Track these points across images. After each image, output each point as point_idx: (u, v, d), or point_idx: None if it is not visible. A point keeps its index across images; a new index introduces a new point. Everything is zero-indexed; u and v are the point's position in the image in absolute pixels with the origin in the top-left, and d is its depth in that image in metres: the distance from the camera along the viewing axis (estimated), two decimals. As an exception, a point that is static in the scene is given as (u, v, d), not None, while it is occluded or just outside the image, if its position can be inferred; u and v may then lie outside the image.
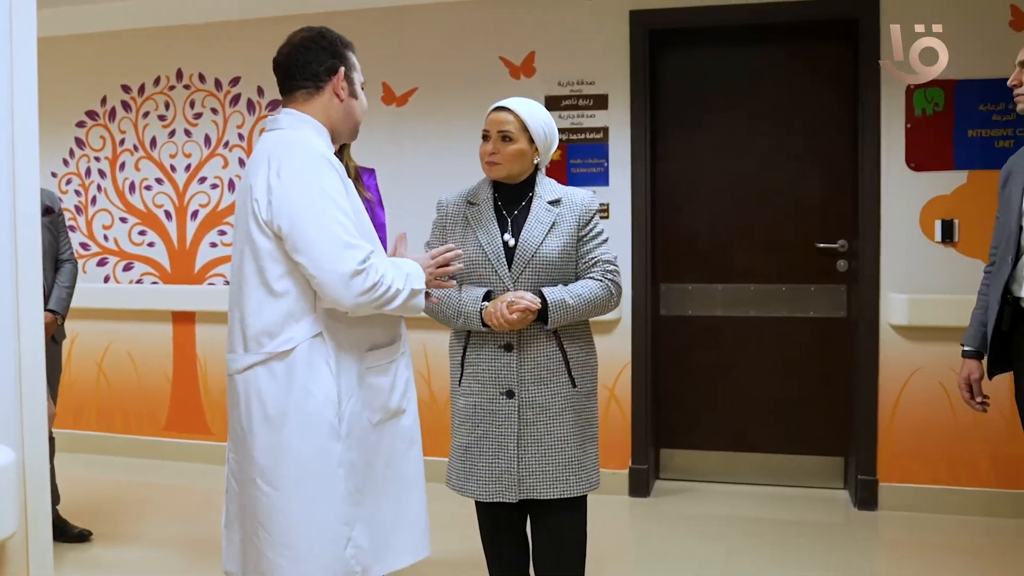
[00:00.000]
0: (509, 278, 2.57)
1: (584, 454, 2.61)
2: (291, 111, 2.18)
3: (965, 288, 3.98)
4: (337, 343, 2.10)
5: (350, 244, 1.99)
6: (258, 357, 2.09)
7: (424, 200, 4.50)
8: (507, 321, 2.48)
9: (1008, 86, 2.60)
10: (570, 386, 2.59)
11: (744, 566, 3.53)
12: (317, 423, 2.07)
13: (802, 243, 4.42)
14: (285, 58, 2.20)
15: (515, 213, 2.63)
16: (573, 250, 2.60)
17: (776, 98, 4.42)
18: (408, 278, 2.11)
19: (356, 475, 2.12)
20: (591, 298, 2.55)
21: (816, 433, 4.46)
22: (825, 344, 4.43)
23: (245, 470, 2.15)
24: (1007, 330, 2.62)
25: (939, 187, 4.05)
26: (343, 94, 2.20)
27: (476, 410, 2.61)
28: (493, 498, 2.58)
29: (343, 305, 2.02)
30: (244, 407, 2.13)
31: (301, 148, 2.07)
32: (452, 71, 4.56)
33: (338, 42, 2.22)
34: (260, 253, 2.07)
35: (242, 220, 2.12)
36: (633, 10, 4.33)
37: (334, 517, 2.09)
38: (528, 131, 2.58)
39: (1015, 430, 3.95)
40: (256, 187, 2.06)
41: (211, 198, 4.92)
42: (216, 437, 4.96)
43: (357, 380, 2.12)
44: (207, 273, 4.94)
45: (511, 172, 2.61)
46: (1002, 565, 3.52)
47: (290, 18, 4.67)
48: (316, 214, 2.00)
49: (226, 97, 4.88)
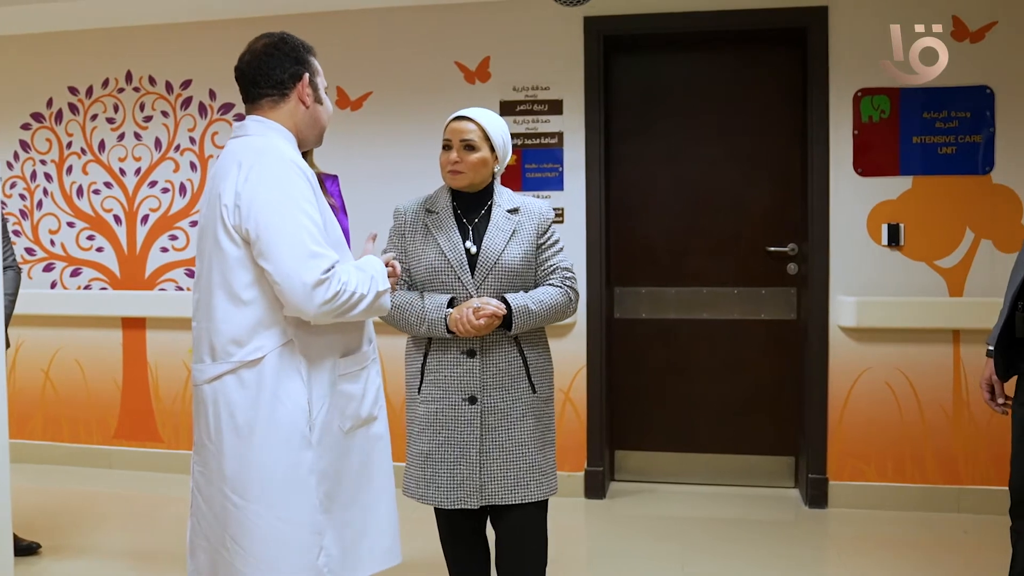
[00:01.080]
0: (472, 285, 2.58)
1: (544, 459, 2.64)
2: (258, 118, 2.16)
3: (910, 290, 4.12)
4: (308, 350, 2.08)
5: (315, 253, 1.98)
6: (227, 366, 2.06)
7: (378, 205, 4.48)
8: (473, 327, 2.49)
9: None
10: (530, 392, 2.61)
11: (700, 566, 3.58)
12: (288, 432, 2.05)
13: (753, 247, 4.50)
14: (247, 66, 2.17)
15: (475, 221, 2.65)
16: (533, 257, 2.63)
17: (728, 104, 4.49)
18: (373, 280, 2.11)
19: (327, 483, 2.11)
20: (552, 304, 2.59)
21: (767, 433, 4.54)
22: (776, 346, 4.51)
23: (213, 482, 2.11)
24: (1021, 337, 2.56)
25: (885, 192, 4.15)
26: (308, 100, 2.18)
27: (438, 416, 2.61)
28: (455, 505, 2.59)
29: (306, 314, 2.01)
30: (212, 417, 2.10)
31: (271, 154, 2.05)
32: (407, 75, 4.55)
33: (301, 47, 2.20)
34: (228, 260, 2.04)
35: (209, 227, 2.09)
36: (588, 16, 4.36)
37: (306, 526, 2.07)
38: (489, 140, 2.61)
39: (958, 427, 4.10)
40: (225, 193, 2.04)
41: (162, 202, 4.85)
42: (167, 445, 4.89)
43: (329, 387, 2.11)
44: (158, 278, 4.86)
45: (474, 181, 2.62)
46: (945, 558, 3.62)
47: (242, 21, 4.64)
48: (283, 221, 1.98)
49: (177, 100, 4.81)
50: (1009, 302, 2.57)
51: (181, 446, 4.84)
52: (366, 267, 2.14)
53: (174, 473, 4.75)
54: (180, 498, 4.37)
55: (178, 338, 4.81)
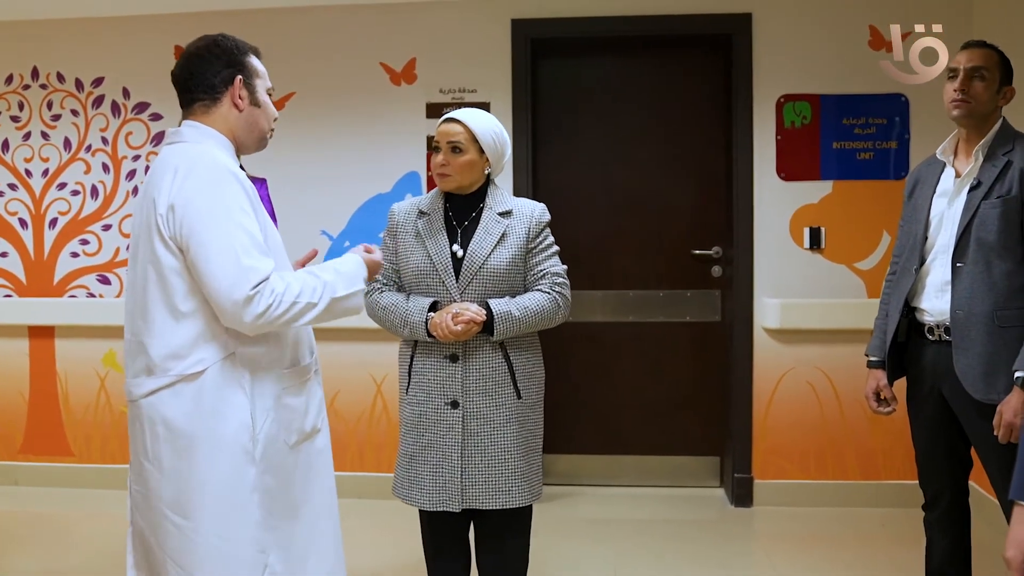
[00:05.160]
0: (456, 289, 2.57)
1: (528, 465, 2.63)
2: (193, 123, 2.09)
3: (831, 293, 4.22)
4: (252, 363, 2.01)
5: (245, 267, 1.90)
6: (165, 380, 1.97)
7: (301, 210, 4.42)
8: (452, 332, 2.48)
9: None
10: (515, 397, 2.60)
11: (632, 568, 3.60)
12: (230, 448, 1.98)
13: (679, 250, 4.55)
14: (180, 70, 2.10)
15: (465, 224, 2.63)
16: (522, 262, 2.61)
17: (654, 109, 4.54)
18: (327, 287, 2.04)
19: (271, 500, 2.04)
20: (538, 310, 2.57)
21: (693, 434, 4.60)
22: (701, 348, 4.58)
23: (152, 502, 2.02)
24: (903, 340, 2.73)
25: (807, 196, 4.25)
26: (243, 104, 2.11)
27: (421, 419, 2.60)
28: (436, 507, 2.58)
29: (242, 328, 1.95)
30: (149, 434, 2.00)
31: (205, 162, 1.98)
32: (331, 76, 4.46)
33: (234, 49, 2.12)
34: (165, 270, 1.96)
35: (144, 236, 2.00)
36: (515, 19, 4.35)
37: (249, 544, 2.00)
38: (478, 142, 2.59)
39: (876, 425, 4.22)
40: (160, 201, 1.95)
41: (72, 205, 4.63)
42: (79, 459, 4.67)
43: (273, 401, 2.04)
44: (68, 285, 4.64)
45: (462, 183, 2.61)
46: (865, 551, 3.73)
47: (157, 17, 4.48)
48: (213, 234, 1.91)
49: (88, 98, 4.60)
50: (899, 310, 2.69)
51: (93, 459, 4.64)
52: (324, 271, 2.08)
53: (87, 488, 4.56)
54: (96, 514, 4.26)
55: (90, 346, 4.61)
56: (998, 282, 2.48)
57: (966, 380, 2.51)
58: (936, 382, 2.65)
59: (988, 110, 2.57)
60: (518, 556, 2.71)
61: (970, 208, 2.53)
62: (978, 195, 2.52)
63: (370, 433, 4.49)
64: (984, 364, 2.48)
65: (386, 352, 4.16)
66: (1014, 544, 1.30)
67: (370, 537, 3.90)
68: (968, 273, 2.52)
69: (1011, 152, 2.52)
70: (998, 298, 2.48)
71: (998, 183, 2.50)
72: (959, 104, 2.57)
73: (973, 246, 2.51)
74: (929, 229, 2.66)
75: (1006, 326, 2.47)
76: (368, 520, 4.08)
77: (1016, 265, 2.48)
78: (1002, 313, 2.48)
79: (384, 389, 4.47)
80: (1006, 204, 2.47)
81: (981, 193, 2.52)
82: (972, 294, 2.51)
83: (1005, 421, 2.38)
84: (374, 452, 4.49)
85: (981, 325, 2.49)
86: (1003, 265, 2.48)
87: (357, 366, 4.44)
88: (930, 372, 2.66)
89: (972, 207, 2.52)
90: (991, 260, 2.49)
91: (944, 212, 2.63)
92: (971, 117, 2.57)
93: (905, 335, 2.72)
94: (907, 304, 2.69)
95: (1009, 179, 2.48)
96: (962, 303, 2.53)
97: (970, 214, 2.52)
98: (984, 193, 2.51)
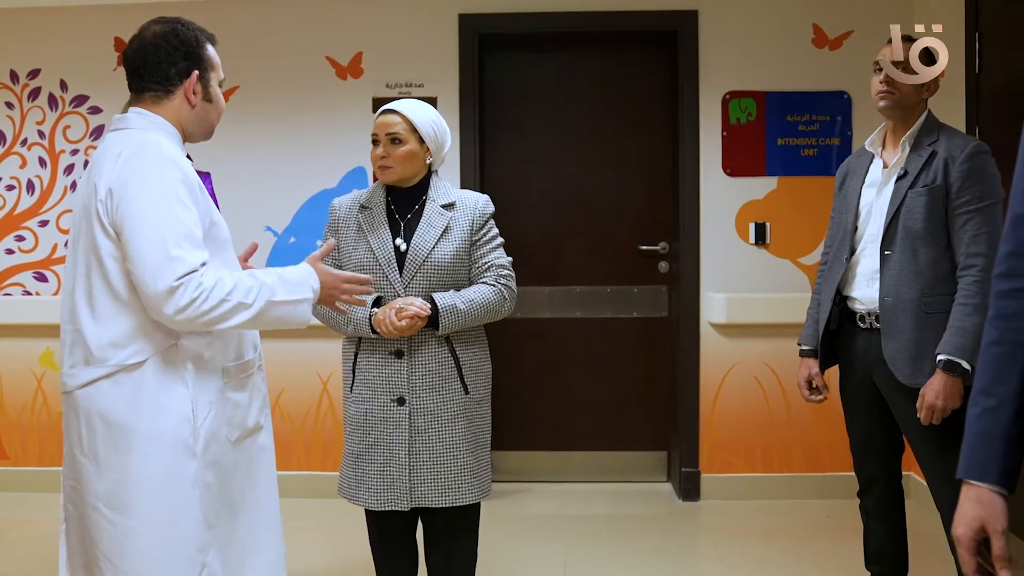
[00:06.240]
0: (400, 284, 2.53)
1: (476, 461, 2.60)
2: (140, 110, 2.03)
3: (776, 287, 4.27)
4: (195, 355, 1.96)
5: (173, 257, 1.83)
6: (103, 370, 1.91)
7: (245, 204, 4.34)
8: (396, 328, 2.44)
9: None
10: (463, 392, 2.57)
11: (581, 564, 3.60)
12: (170, 441, 1.92)
13: (626, 246, 4.57)
14: (134, 54, 2.03)
15: (408, 217, 2.60)
16: (466, 255, 2.59)
17: (601, 104, 4.55)
18: (264, 288, 1.95)
19: (211, 496, 1.98)
20: (483, 303, 2.54)
21: (641, 429, 4.62)
22: (648, 343, 4.60)
23: (86, 498, 1.95)
24: (835, 328, 2.77)
25: (752, 192, 4.30)
26: (195, 99, 2.05)
27: (367, 417, 2.56)
28: (384, 507, 2.54)
29: (166, 323, 1.88)
30: (85, 427, 1.94)
31: (148, 150, 1.92)
32: (276, 70, 4.39)
33: (193, 40, 2.06)
34: (104, 258, 1.90)
35: (84, 222, 1.95)
36: (463, 13, 4.33)
37: (188, 542, 1.94)
38: (417, 131, 2.56)
39: (821, 418, 4.27)
40: (100, 187, 1.90)
41: (7, 200, 4.50)
42: (14, 462, 4.54)
43: (216, 395, 1.99)
44: (4, 282, 4.51)
45: (404, 175, 2.58)
46: (811, 541, 3.78)
47: (97, 8, 4.37)
48: (145, 220, 1.85)
49: (24, 91, 4.48)
50: (831, 299, 2.73)
51: (29, 462, 4.52)
52: (266, 274, 2.00)
53: (22, 491, 4.42)
54: (31, 519, 4.15)
55: (26, 346, 4.48)
56: (924, 269, 2.53)
57: (894, 365, 2.56)
58: (867, 370, 2.68)
59: (913, 102, 2.62)
60: (467, 553, 2.68)
61: (897, 197, 2.58)
62: (904, 184, 2.57)
63: (316, 432, 4.43)
64: (911, 349, 2.53)
65: (332, 350, 4.09)
66: (963, 522, 1.31)
67: (316, 537, 3.86)
68: (896, 261, 2.56)
69: (936, 143, 2.57)
70: (924, 285, 2.53)
71: (924, 173, 2.55)
72: (884, 95, 2.62)
73: (901, 234, 2.56)
74: (859, 219, 2.70)
75: (932, 312, 2.51)
76: (315, 520, 4.03)
77: (941, 252, 2.53)
78: (928, 299, 2.52)
79: (330, 387, 4.41)
80: (931, 193, 2.52)
81: (908, 183, 2.56)
82: (900, 281, 2.55)
83: (927, 403, 2.45)
84: (320, 451, 4.43)
85: (908, 311, 2.54)
86: (929, 252, 2.53)
87: (302, 363, 4.38)
88: (861, 360, 2.70)
89: (899, 196, 2.57)
90: (917, 248, 2.53)
91: (873, 202, 2.67)
92: (897, 109, 2.62)
93: (837, 323, 2.76)
94: (839, 293, 2.73)
95: (934, 169, 2.53)
96: (890, 290, 2.57)
97: (897, 203, 2.57)
98: (911, 183, 2.56)
